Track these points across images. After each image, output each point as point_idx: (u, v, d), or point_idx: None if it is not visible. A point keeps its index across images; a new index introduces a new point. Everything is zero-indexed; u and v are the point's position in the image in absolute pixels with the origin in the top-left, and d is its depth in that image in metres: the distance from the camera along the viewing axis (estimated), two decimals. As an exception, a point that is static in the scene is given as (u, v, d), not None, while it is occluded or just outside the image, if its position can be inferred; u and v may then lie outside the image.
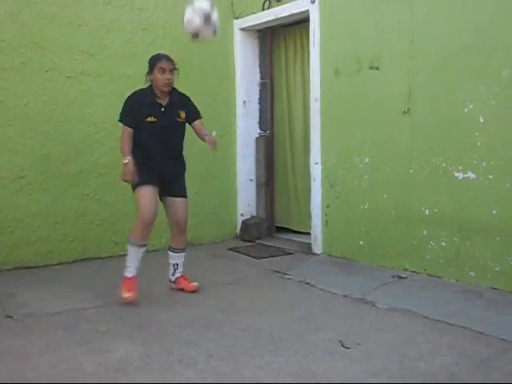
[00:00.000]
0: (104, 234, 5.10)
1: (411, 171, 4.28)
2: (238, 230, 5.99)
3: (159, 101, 3.82)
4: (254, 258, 5.09)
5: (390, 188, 4.46)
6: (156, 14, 5.32)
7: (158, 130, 3.78)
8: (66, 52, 4.84)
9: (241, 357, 2.83)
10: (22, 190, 4.69)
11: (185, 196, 3.97)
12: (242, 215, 5.98)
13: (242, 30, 5.83)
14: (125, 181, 3.73)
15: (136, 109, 3.77)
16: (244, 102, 5.92)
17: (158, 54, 3.89)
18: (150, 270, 4.68)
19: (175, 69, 3.84)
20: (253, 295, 3.95)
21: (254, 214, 6.04)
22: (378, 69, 4.48)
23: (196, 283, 4.03)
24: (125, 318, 3.43)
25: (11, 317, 3.48)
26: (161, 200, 3.95)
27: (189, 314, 3.51)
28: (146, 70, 3.87)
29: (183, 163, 4.04)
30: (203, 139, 3.90)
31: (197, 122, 3.97)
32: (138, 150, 3.75)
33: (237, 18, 5.83)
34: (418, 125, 4.22)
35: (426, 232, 4.20)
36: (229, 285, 4.22)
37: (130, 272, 3.77)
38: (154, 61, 3.81)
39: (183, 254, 4.07)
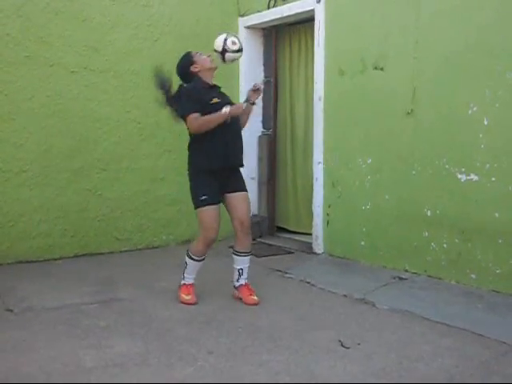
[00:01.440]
0: (105, 229, 5.11)
1: (414, 172, 4.27)
2: (239, 228, 5.97)
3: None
4: (255, 256, 5.07)
5: (392, 189, 4.46)
6: (161, 11, 5.32)
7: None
8: (70, 47, 4.84)
9: (240, 355, 2.83)
10: (24, 184, 4.69)
11: (244, 189, 3.78)
12: (243, 213, 5.96)
13: (247, 28, 5.83)
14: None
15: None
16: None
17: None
18: (152, 267, 4.69)
19: None
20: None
21: (256, 213, 6.04)
22: (382, 69, 4.48)
23: (256, 298, 3.71)
24: (125, 314, 3.44)
25: (11, 310, 3.49)
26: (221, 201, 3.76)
27: (189, 311, 3.51)
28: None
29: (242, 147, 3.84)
30: None
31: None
32: (203, 143, 3.63)
33: (242, 16, 5.83)
34: (421, 126, 4.22)
35: (427, 233, 4.19)
36: (229, 282, 4.22)
37: (188, 280, 3.74)
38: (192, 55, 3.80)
39: (248, 257, 3.81)
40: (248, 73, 5.90)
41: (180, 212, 5.49)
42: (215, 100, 3.65)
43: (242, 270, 3.79)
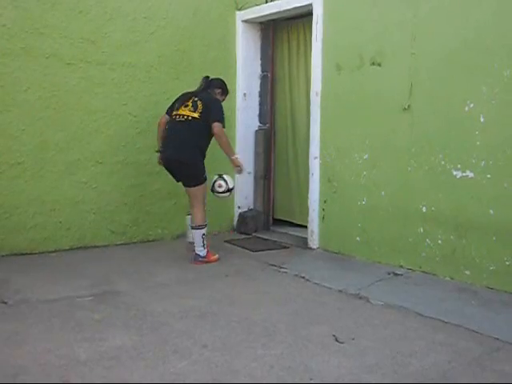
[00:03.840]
0: (100, 222, 5.10)
1: (409, 169, 4.28)
2: (234, 223, 5.99)
3: None
4: (250, 250, 5.10)
5: (387, 185, 4.47)
6: (158, 4, 5.29)
7: None
8: (66, 39, 4.81)
9: (235, 348, 2.83)
10: (19, 177, 4.67)
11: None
12: (239, 208, 5.98)
13: (245, 21, 5.81)
14: (241, 172, 4.77)
15: None
16: (244, 94, 5.91)
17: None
18: (147, 260, 4.69)
19: None
20: (248, 288, 3.96)
21: (252, 207, 6.05)
22: (379, 65, 4.48)
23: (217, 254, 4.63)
24: (120, 308, 3.44)
25: (5, 302, 3.48)
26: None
27: (184, 305, 3.51)
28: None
29: None
30: None
31: None
32: (206, 150, 4.54)
33: (239, 10, 5.81)
34: (417, 122, 4.22)
35: (422, 229, 4.21)
36: (224, 277, 4.23)
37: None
38: (227, 91, 4.77)
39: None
40: (245, 67, 5.89)
41: (175, 206, 5.49)
42: None
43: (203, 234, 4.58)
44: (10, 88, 4.59)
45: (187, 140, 4.38)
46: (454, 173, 3.99)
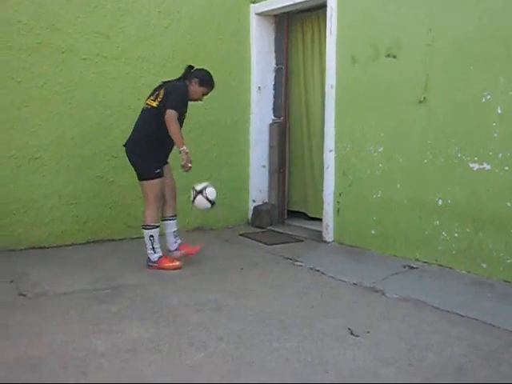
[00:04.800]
0: (117, 216, 5.14)
1: (425, 161, 4.25)
2: (249, 216, 6.00)
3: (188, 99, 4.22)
4: (265, 244, 5.10)
5: (403, 177, 4.44)
6: (172, -3, 5.30)
7: (181, 125, 4.13)
8: (81, 34, 4.84)
9: (250, 341, 2.85)
10: (36, 171, 4.73)
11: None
12: (253, 201, 5.98)
13: (259, 14, 5.79)
14: (187, 169, 3.98)
15: (184, 103, 4.13)
16: (259, 87, 5.90)
17: (212, 79, 4.26)
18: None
19: None
20: (263, 281, 3.97)
21: (266, 201, 6.05)
22: (395, 57, 4.43)
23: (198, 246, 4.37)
24: (136, 300, 3.47)
25: (24, 295, 3.53)
26: None
27: (200, 297, 3.54)
28: (183, 68, 4.29)
29: None
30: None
31: None
32: (163, 141, 4.07)
33: (253, 3, 5.79)
34: (433, 114, 4.18)
35: (438, 222, 4.18)
36: (240, 270, 4.24)
37: (160, 251, 4.23)
38: (208, 83, 4.23)
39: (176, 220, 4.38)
40: (259, 60, 5.87)
41: (190, 200, 5.50)
42: (185, 115, 4.18)
43: (176, 231, 4.35)
44: (26, 83, 4.63)
45: (139, 130, 4.15)
46: (471, 165, 3.95)
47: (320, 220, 5.29)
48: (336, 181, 5.01)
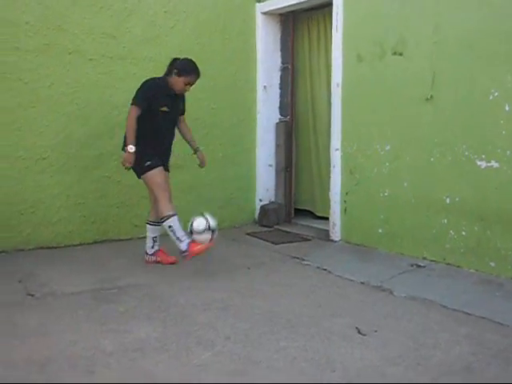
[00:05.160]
0: (124, 216, 5.16)
1: (432, 159, 4.23)
2: (256, 216, 6.00)
3: (171, 92, 4.11)
4: (272, 243, 5.10)
5: (410, 176, 4.42)
6: (178, -3, 5.31)
7: (168, 119, 4.11)
8: (88, 34, 4.86)
9: (257, 340, 2.85)
10: (44, 172, 4.75)
11: (168, 170, 4.31)
12: (260, 200, 5.98)
13: (264, 13, 5.78)
14: (125, 168, 3.97)
15: (154, 95, 4.01)
16: (265, 86, 5.90)
17: (192, 67, 4.07)
18: (169, 253, 4.72)
19: None
20: (270, 280, 3.97)
21: (273, 200, 6.05)
22: (401, 54, 4.42)
23: (174, 257, 4.21)
24: (143, 300, 3.48)
25: (32, 295, 3.55)
26: None
27: (207, 297, 3.54)
28: (169, 61, 4.17)
29: (171, 149, 4.34)
30: (190, 141, 4.39)
31: (183, 117, 4.35)
32: (149, 136, 4.02)
33: (259, 2, 5.79)
34: (440, 112, 4.16)
35: (446, 221, 4.16)
36: (246, 269, 4.25)
37: (186, 238, 3.97)
38: (186, 71, 4.03)
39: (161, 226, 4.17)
40: (265, 59, 5.87)
41: (198, 198, 5.52)
42: (165, 109, 4.05)
43: (156, 237, 4.28)
44: (34, 84, 4.65)
45: None
46: (479, 163, 3.92)
47: (327, 219, 5.28)
48: (343, 180, 5.00)
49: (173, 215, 3.98)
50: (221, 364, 2.58)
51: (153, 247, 4.29)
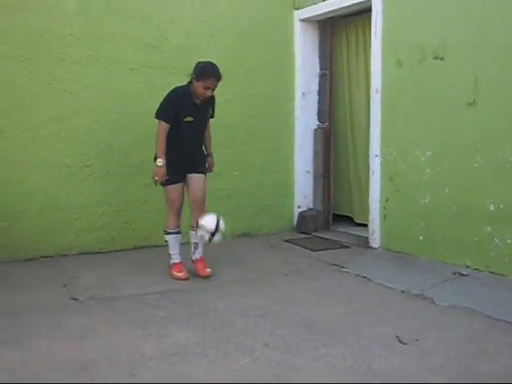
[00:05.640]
0: (163, 222, 5.22)
1: (475, 165, 4.13)
2: (294, 222, 5.99)
3: (196, 101, 4.03)
4: (311, 250, 5.08)
5: (452, 182, 4.33)
6: (217, 7, 5.37)
7: (193, 128, 4.05)
8: (129, 45, 4.98)
9: (296, 347, 2.84)
10: (87, 179, 4.88)
11: (202, 172, 4.16)
12: (298, 207, 5.97)
13: (303, 20, 5.80)
14: (155, 181, 3.99)
15: (176, 107, 3.96)
16: (303, 93, 5.90)
17: (209, 70, 3.93)
18: (208, 259, 4.77)
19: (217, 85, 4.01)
20: (309, 287, 3.95)
21: (311, 207, 6.03)
22: (442, 59, 4.35)
23: (209, 270, 4.15)
24: (183, 305, 3.52)
25: (76, 299, 3.65)
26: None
27: (245, 303, 3.55)
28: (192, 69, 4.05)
29: (204, 152, 4.30)
30: (206, 143, 4.29)
31: (209, 122, 4.29)
32: (173, 146, 3.98)
33: (297, 9, 5.80)
34: (483, 117, 4.07)
35: (490, 228, 4.05)
36: (285, 276, 4.24)
37: (176, 258, 4.19)
38: (203, 74, 3.91)
39: None
40: (303, 66, 5.88)
41: (236, 206, 5.55)
42: (189, 119, 4.00)
43: (197, 244, 4.18)
44: (78, 94, 4.80)
45: None
46: (524, 169, 3.81)
47: (366, 226, 5.23)
48: (382, 186, 4.94)
49: (172, 233, 4.17)
50: (259, 370, 2.59)
51: (194, 254, 4.25)
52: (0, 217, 4.57)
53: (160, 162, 3.93)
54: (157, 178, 3.97)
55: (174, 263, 4.17)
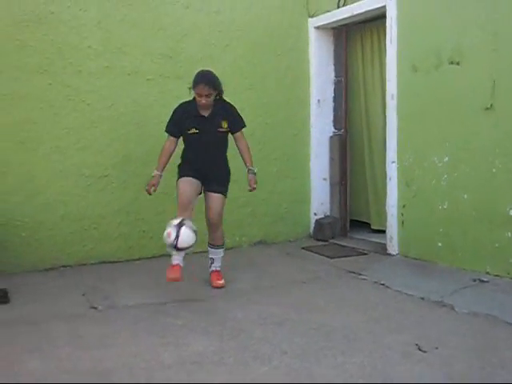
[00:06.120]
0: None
1: (494, 170, 4.09)
2: (311, 230, 5.97)
3: (202, 113, 4.04)
4: (328, 257, 5.06)
5: (470, 188, 4.28)
6: (232, 17, 5.42)
7: (202, 140, 4.04)
8: (146, 55, 5.04)
9: (314, 355, 2.83)
10: (105, 189, 4.94)
11: (219, 192, 4.13)
12: (315, 214, 5.96)
13: (317, 28, 5.81)
14: (146, 190, 4.06)
15: (179, 120, 4.07)
16: (318, 100, 5.90)
17: (198, 77, 3.96)
18: (225, 267, 4.78)
19: (213, 92, 3.98)
20: (326, 294, 3.93)
21: (328, 214, 6.00)
22: (458, 64, 4.32)
23: (222, 281, 4.13)
24: (201, 314, 3.53)
25: (95, 308, 3.68)
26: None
27: (263, 311, 3.55)
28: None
29: (226, 168, 4.24)
30: (243, 157, 4.21)
31: (238, 134, 4.18)
32: (186, 156, 4.15)
33: (311, 17, 5.82)
34: (501, 121, 4.03)
35: (510, 234, 3.99)
36: (302, 283, 4.23)
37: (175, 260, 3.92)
38: (193, 83, 3.97)
39: (219, 250, 4.22)
40: (318, 74, 5.88)
41: (252, 213, 5.56)
42: (193, 131, 4.03)
43: (212, 259, 4.24)
44: (96, 105, 4.87)
45: None
46: (544, 173, 3.76)
47: (383, 232, 5.19)
48: (399, 192, 4.91)
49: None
50: (278, 379, 2.58)
51: (210, 267, 4.27)
52: (20, 227, 4.64)
53: (154, 172, 4.08)
54: (147, 188, 4.07)
55: (170, 264, 3.89)
